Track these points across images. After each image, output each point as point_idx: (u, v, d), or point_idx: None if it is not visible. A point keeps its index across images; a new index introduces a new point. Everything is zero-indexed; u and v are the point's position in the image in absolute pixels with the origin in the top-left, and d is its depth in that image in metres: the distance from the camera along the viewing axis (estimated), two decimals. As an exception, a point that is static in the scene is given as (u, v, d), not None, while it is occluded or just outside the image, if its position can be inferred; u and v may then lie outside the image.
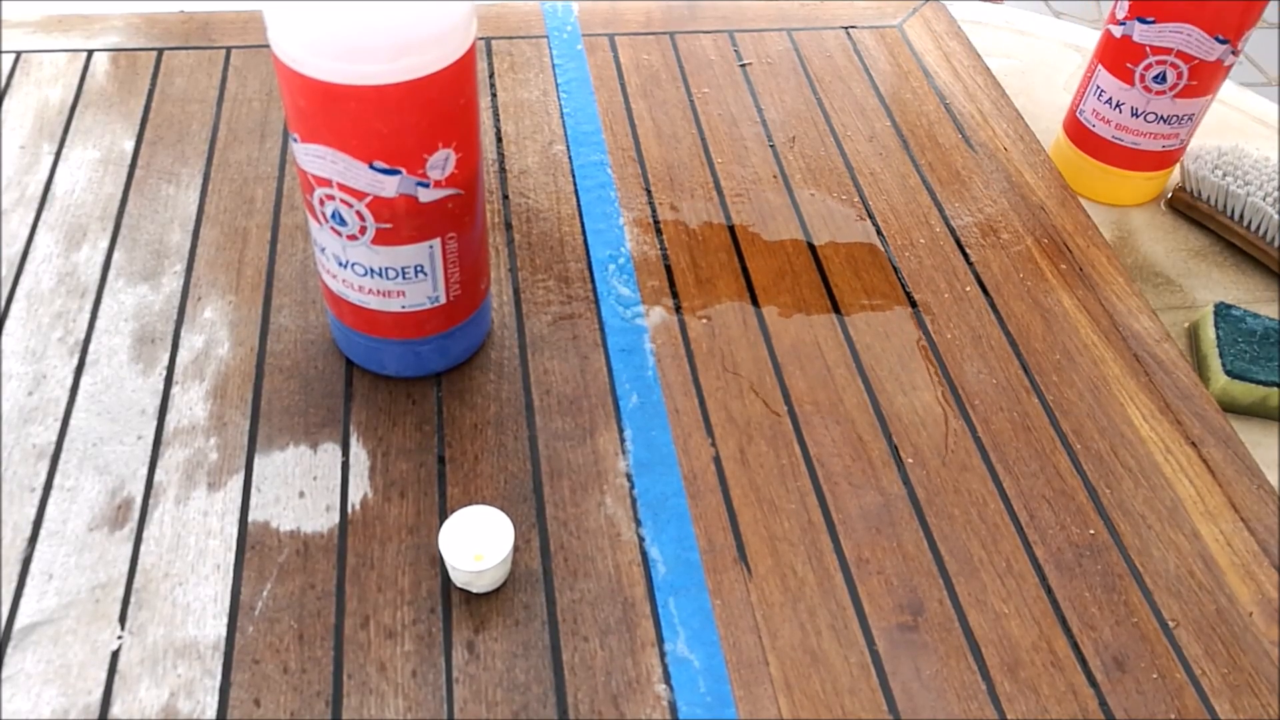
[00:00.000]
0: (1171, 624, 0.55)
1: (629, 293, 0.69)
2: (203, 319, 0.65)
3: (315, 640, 0.51)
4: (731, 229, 0.74)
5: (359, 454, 0.58)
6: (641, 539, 0.56)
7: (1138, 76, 0.81)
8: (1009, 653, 0.53)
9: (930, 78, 0.90)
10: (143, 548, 0.54)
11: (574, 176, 0.77)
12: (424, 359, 0.61)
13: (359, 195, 0.51)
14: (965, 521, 0.58)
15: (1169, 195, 0.89)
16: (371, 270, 0.55)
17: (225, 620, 0.51)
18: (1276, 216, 0.81)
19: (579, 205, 0.75)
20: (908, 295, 0.71)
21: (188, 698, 0.49)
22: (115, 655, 0.50)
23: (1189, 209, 0.87)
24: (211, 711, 0.48)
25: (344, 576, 0.53)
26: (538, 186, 0.76)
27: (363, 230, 0.53)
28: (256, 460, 0.58)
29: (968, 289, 0.72)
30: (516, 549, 0.55)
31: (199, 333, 0.64)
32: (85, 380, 0.61)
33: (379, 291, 0.56)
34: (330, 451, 0.59)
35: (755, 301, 0.69)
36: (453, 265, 0.57)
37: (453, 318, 0.60)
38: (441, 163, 0.52)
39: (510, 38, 0.90)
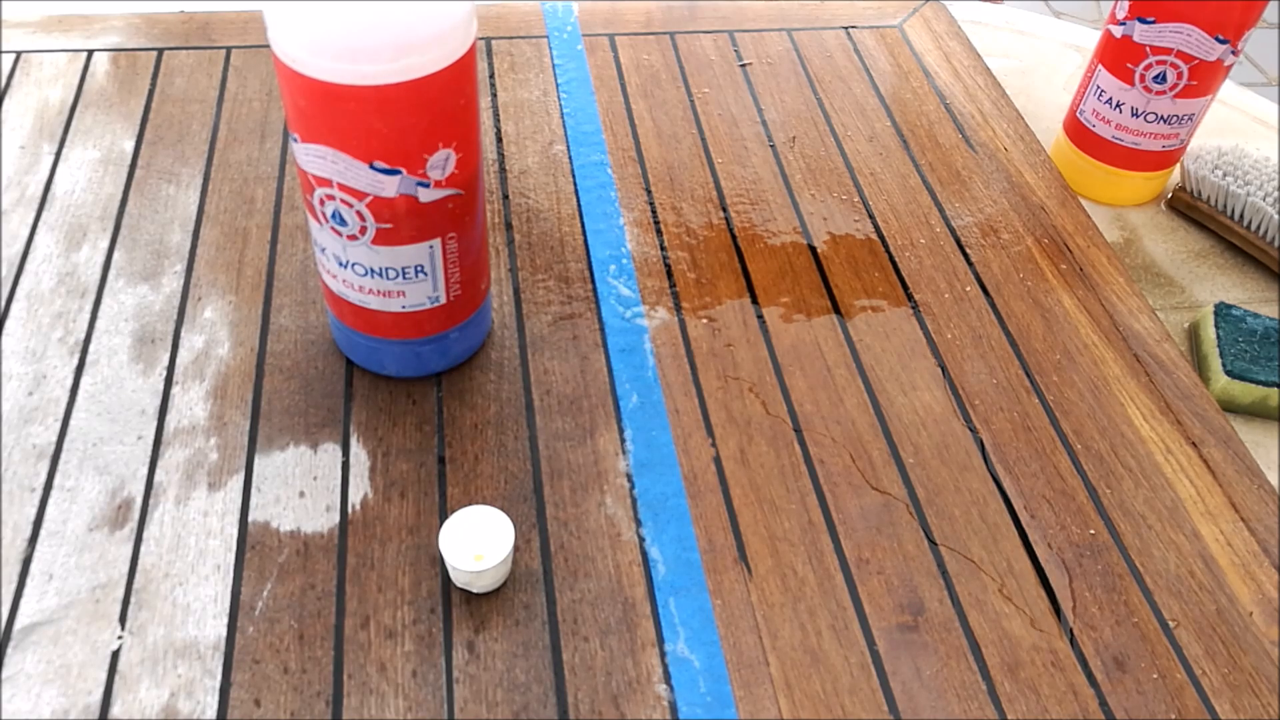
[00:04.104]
0: (1172, 624, 0.55)
1: (629, 293, 0.69)
2: (203, 319, 0.65)
3: (315, 640, 0.51)
4: (731, 229, 0.74)
5: (359, 454, 0.58)
6: (641, 539, 0.56)
7: (1138, 76, 0.81)
8: (1009, 653, 0.53)
9: (930, 78, 0.90)
10: (143, 548, 0.54)
11: (574, 176, 0.77)
12: (424, 359, 0.61)
13: (359, 195, 0.51)
14: (965, 521, 0.58)
15: (1169, 196, 0.89)
16: (372, 270, 0.55)
17: (225, 620, 0.51)
18: (1277, 216, 0.81)
19: (579, 205, 0.75)
20: (908, 295, 0.71)
21: (188, 698, 0.49)
22: (115, 655, 0.50)
23: (1189, 209, 0.87)
24: (211, 711, 0.48)
25: (344, 576, 0.53)
26: (538, 186, 0.76)
27: (363, 230, 0.53)
28: (256, 460, 0.58)
29: (968, 289, 0.72)
30: (517, 549, 0.55)
31: (199, 333, 0.64)
32: (85, 380, 0.61)
33: (379, 291, 0.56)
34: (330, 451, 0.58)
35: (755, 301, 0.69)
36: (453, 265, 0.57)
37: (453, 318, 0.60)
38: (441, 163, 0.52)
39: (510, 38, 0.90)
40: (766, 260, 0.72)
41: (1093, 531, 0.58)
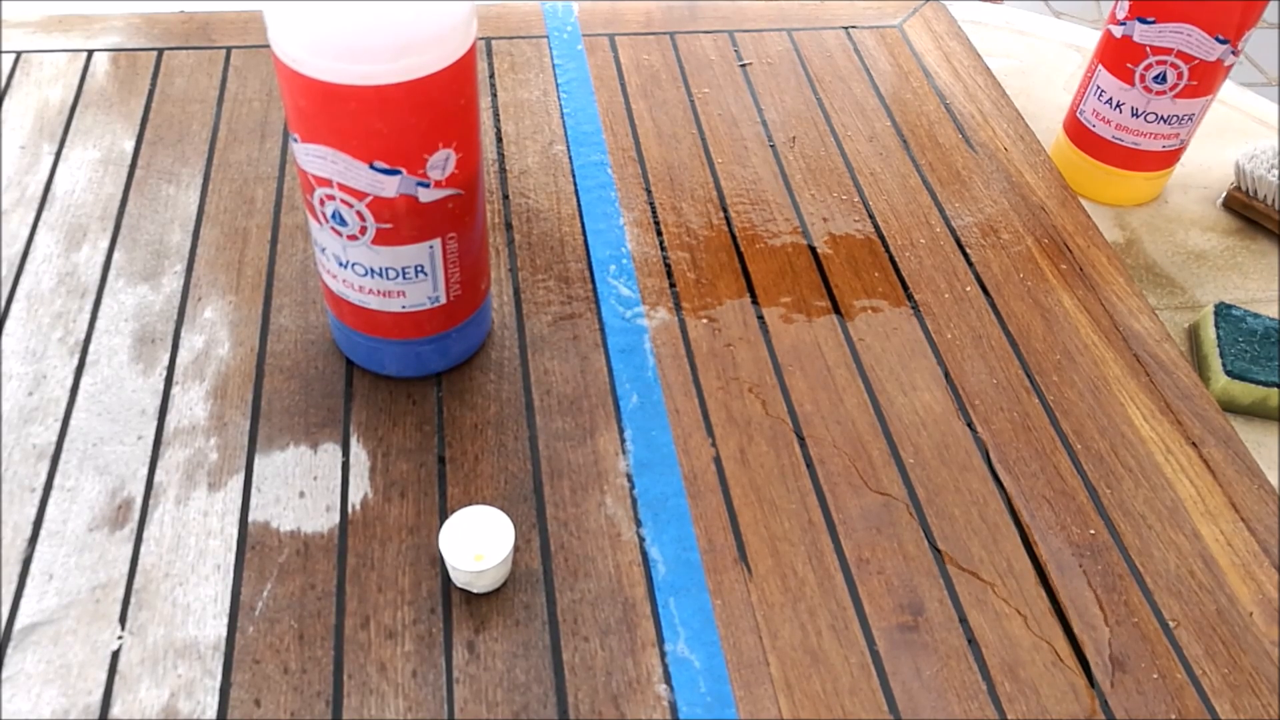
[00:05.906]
0: (1172, 624, 0.55)
1: (629, 293, 0.69)
2: (203, 319, 0.65)
3: (315, 640, 0.51)
4: (732, 229, 0.74)
5: (359, 454, 0.58)
6: (642, 539, 0.56)
7: (1138, 76, 0.81)
8: (1009, 653, 0.53)
9: (930, 78, 0.90)
10: (143, 548, 0.54)
11: (574, 176, 0.77)
12: (424, 359, 0.61)
13: (359, 195, 0.51)
14: (965, 521, 0.58)
15: (1223, 196, 0.89)
16: (372, 270, 0.55)
17: (225, 620, 0.51)
18: None
19: (579, 205, 0.75)
20: (908, 295, 0.71)
21: (188, 698, 0.49)
22: (115, 655, 0.50)
23: (1245, 208, 0.87)
24: (212, 712, 0.48)
25: (344, 576, 0.53)
26: (538, 186, 0.76)
27: (363, 230, 0.53)
28: (257, 460, 0.58)
29: (968, 289, 0.72)
30: (517, 549, 0.55)
31: (199, 333, 0.64)
32: (85, 380, 0.61)
33: (379, 292, 0.56)
34: (330, 451, 0.58)
35: (755, 302, 0.69)
36: (453, 265, 0.57)
37: (453, 318, 0.60)
38: (442, 163, 0.52)
39: (510, 38, 0.90)
40: (766, 260, 0.72)
41: (1093, 531, 0.58)
